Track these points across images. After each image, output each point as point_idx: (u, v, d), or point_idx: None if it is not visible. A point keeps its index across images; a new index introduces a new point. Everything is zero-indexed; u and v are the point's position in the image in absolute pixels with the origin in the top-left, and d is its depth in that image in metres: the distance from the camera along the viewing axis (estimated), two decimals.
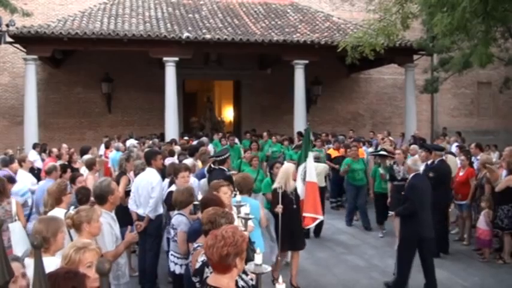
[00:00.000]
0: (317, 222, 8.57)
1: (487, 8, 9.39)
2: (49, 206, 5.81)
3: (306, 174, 8.44)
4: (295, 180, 7.80)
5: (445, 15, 10.03)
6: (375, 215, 11.62)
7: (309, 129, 9.51)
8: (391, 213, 9.67)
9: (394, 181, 10.23)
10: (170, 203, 6.84)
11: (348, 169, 12.02)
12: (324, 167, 11.66)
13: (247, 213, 4.51)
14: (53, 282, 2.58)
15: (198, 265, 3.82)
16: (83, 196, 6.13)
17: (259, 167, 11.84)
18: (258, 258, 3.14)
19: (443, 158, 10.39)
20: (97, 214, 4.56)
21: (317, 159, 11.57)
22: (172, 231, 5.97)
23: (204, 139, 15.58)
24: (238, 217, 4.71)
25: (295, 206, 7.72)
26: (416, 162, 8.11)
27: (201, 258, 3.83)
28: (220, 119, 25.29)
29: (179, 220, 5.87)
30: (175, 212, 6.11)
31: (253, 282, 3.39)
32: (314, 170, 8.55)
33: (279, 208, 7.36)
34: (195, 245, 4.58)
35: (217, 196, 5.41)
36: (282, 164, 8.99)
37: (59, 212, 5.47)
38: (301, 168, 8.68)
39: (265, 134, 17.84)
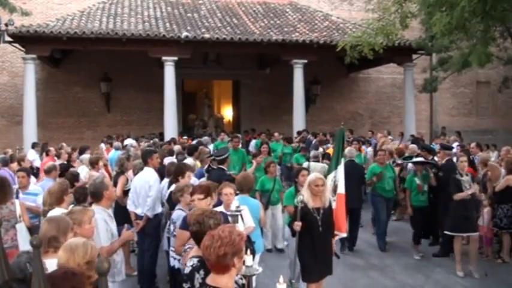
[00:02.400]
0: (338, 237, 7.12)
1: (486, 8, 9.42)
2: (48, 205, 5.80)
3: (336, 186, 7.13)
4: (314, 194, 6.09)
5: (444, 15, 10.05)
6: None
7: (343, 132, 7.84)
8: (459, 235, 8.45)
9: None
10: (172, 202, 6.85)
11: (380, 178, 10.03)
12: (322, 166, 11.01)
13: (234, 209, 4.48)
14: (52, 283, 2.57)
15: (187, 270, 3.76)
16: (80, 195, 6.13)
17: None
18: (249, 259, 3.12)
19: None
20: (88, 216, 4.46)
21: (315, 159, 11.52)
22: (172, 226, 6.00)
23: (206, 139, 15.53)
24: (229, 215, 4.69)
25: (320, 229, 6.05)
26: (351, 151, 10.36)
27: (190, 263, 3.78)
28: (220, 115, 24.88)
29: (179, 215, 5.92)
30: (177, 207, 6.16)
31: (244, 282, 3.37)
32: (343, 180, 7.21)
33: (297, 226, 5.94)
34: (186, 246, 4.54)
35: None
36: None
37: (59, 212, 5.46)
38: (330, 178, 7.17)
39: (276, 134, 16.87)
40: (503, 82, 20.61)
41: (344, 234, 7.27)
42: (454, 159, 10.57)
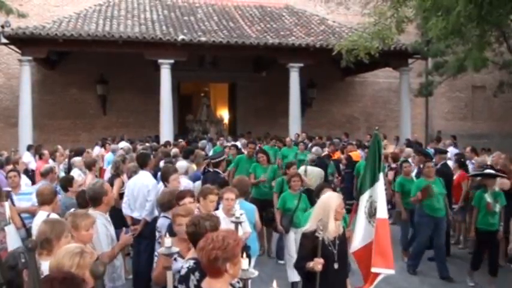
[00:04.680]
0: (381, 277, 5.61)
1: (481, 12, 9.44)
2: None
3: (375, 209, 5.68)
4: (338, 220, 4.89)
5: (439, 19, 10.08)
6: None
7: (379, 137, 6.21)
8: None
9: None
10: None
11: (429, 193, 8.48)
12: (318, 171, 10.71)
13: (238, 216, 4.48)
14: (49, 286, 2.57)
15: (183, 271, 3.78)
16: (83, 200, 6.07)
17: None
18: (245, 263, 3.11)
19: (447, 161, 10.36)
20: (86, 223, 4.37)
21: (312, 163, 11.29)
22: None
23: (203, 142, 15.46)
24: (232, 222, 4.68)
25: (336, 266, 4.85)
26: (318, 150, 11.94)
27: (186, 264, 3.80)
28: (220, 117, 24.25)
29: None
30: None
31: (240, 285, 3.37)
32: (385, 200, 5.79)
33: (318, 264, 4.60)
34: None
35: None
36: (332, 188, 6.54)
37: (44, 215, 5.43)
38: (364, 197, 5.87)
39: (288, 139, 15.69)
40: (498, 87, 20.66)
41: (391, 271, 5.57)
42: (450, 163, 10.61)
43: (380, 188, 5.71)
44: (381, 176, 5.79)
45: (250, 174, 10.14)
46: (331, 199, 4.92)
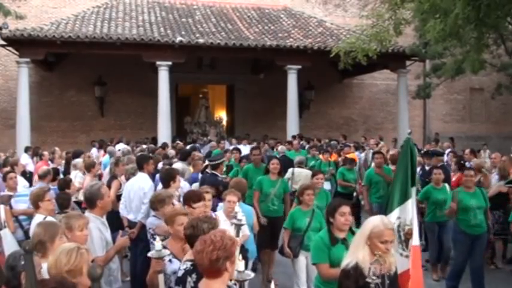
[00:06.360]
0: None
1: (479, 15, 9.45)
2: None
3: (402, 231, 4.57)
4: (381, 254, 3.74)
5: (437, 22, 10.10)
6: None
7: (411, 144, 4.95)
8: None
9: None
10: None
11: (457, 208, 7.56)
12: (306, 174, 9.94)
13: (240, 219, 4.47)
14: None
15: (180, 273, 3.78)
16: (63, 201, 6.06)
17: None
18: (241, 265, 3.11)
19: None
20: (79, 223, 4.38)
21: (300, 165, 10.98)
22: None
23: (213, 143, 15.50)
24: (232, 224, 4.67)
25: None
26: (283, 148, 12.39)
27: (184, 266, 3.79)
28: (218, 118, 23.88)
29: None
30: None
31: (237, 287, 3.36)
32: (417, 224, 4.68)
33: None
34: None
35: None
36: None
37: (40, 218, 5.42)
38: (393, 216, 4.64)
39: (295, 142, 14.99)
40: (496, 89, 20.68)
41: None
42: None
43: (411, 206, 4.61)
44: (413, 191, 4.68)
45: (255, 191, 8.39)
46: (366, 225, 3.86)
